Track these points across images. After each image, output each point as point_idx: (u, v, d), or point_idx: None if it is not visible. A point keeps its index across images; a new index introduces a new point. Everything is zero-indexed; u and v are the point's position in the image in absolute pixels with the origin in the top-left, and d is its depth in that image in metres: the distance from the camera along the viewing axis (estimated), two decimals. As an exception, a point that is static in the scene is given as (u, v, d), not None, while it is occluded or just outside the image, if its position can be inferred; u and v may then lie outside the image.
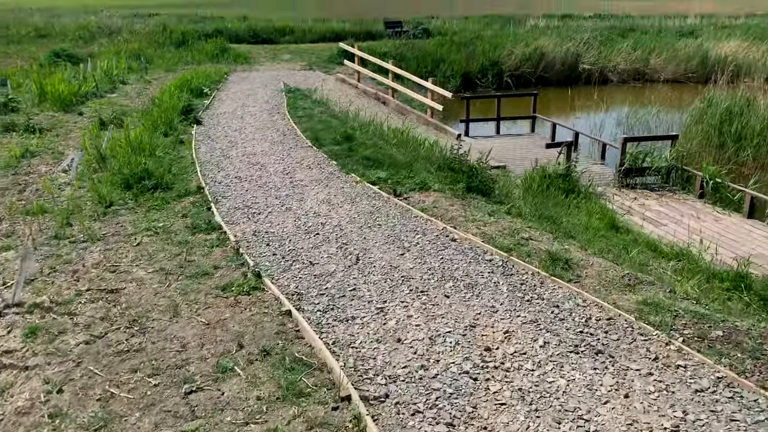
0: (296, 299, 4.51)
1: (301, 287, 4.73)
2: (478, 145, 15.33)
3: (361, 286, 4.69)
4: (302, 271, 5.04)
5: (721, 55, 26.51)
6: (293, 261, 5.28)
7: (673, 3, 61.12)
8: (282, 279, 4.90)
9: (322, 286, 4.73)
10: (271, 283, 4.74)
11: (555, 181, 10.75)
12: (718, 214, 10.16)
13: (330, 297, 4.53)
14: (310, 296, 4.56)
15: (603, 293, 4.57)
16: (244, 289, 4.61)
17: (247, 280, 4.76)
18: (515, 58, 25.59)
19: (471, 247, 5.47)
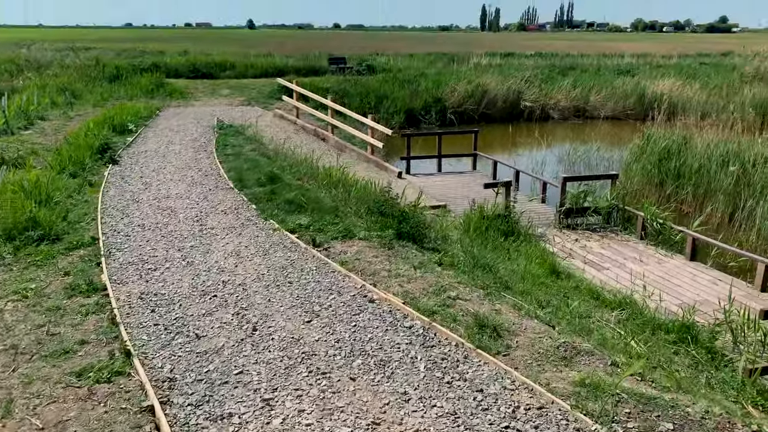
0: (167, 387, 3.69)
1: (177, 370, 3.91)
2: (419, 183, 14.88)
3: (250, 368, 3.91)
4: (184, 347, 4.23)
5: (657, 93, 27.14)
6: (177, 333, 4.47)
7: (608, 43, 63.61)
8: (157, 358, 4.08)
9: (203, 368, 3.93)
10: (141, 365, 3.91)
11: (494, 222, 10.25)
12: (660, 257, 9.83)
13: (209, 384, 3.73)
14: (184, 383, 3.75)
15: (535, 370, 3.94)
16: (104, 374, 3.76)
17: (113, 361, 3.93)
18: (458, 95, 25.55)
19: (390, 309, 4.79)
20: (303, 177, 10.21)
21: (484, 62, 33.29)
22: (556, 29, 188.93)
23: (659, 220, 10.30)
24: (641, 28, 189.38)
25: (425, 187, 14.42)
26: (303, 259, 6.03)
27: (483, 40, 69.32)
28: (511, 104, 26.70)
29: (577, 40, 73.39)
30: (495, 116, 26.32)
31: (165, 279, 5.55)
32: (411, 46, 49.33)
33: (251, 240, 6.63)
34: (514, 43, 58.75)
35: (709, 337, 6.93)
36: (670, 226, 10.15)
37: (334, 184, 9.98)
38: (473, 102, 25.72)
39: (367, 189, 10.29)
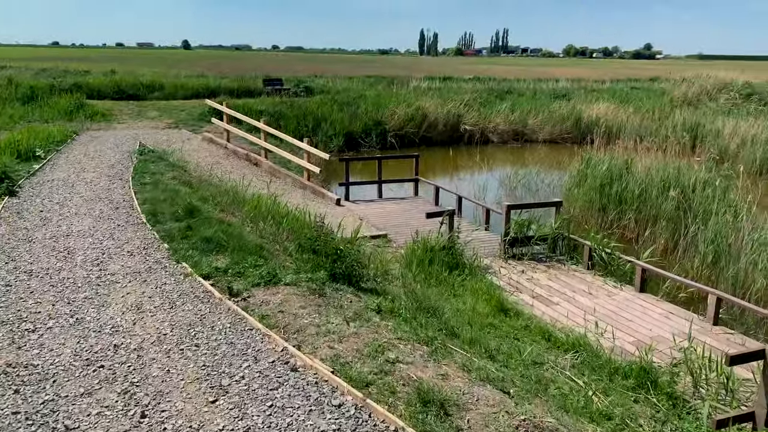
0: None
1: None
2: (359, 211, 14.14)
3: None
4: (44, 449, 3.28)
5: (593, 117, 27.51)
6: (41, 425, 3.49)
7: (542, 68, 65.24)
8: (3, 468, 3.13)
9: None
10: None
11: (438, 254, 9.58)
12: (610, 288, 9.37)
13: None
14: None
15: (493, 465, 3.20)
16: None
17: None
18: (399, 118, 25.11)
19: (316, 380, 3.95)
20: (227, 208, 9.26)
21: (423, 85, 33.07)
22: (492, 54, 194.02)
23: (606, 249, 9.88)
24: (572, 53, 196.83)
25: (365, 215, 13.70)
26: (216, 313, 5.12)
27: (422, 64, 69.82)
28: (451, 127, 26.48)
29: (512, 65, 75.01)
30: (436, 139, 26.02)
31: (43, 344, 4.53)
32: (350, 68, 48.93)
33: (157, 289, 5.66)
34: (453, 67, 59.34)
35: (669, 381, 6.43)
36: (618, 256, 9.74)
37: (262, 216, 9.08)
38: (414, 125, 25.33)
39: (300, 221, 9.44)
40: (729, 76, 29.63)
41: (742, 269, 9.74)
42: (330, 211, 13.80)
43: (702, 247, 10.67)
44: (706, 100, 28.20)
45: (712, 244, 10.38)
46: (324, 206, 14.17)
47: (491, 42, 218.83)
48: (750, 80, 29.72)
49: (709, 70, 35.01)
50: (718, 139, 22.90)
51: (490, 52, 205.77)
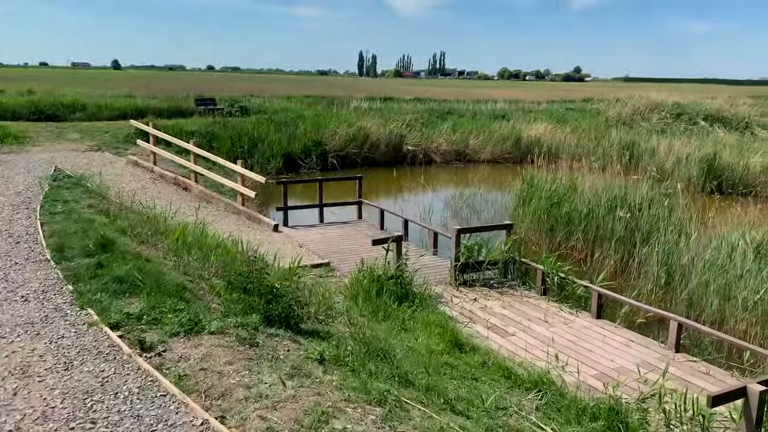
0: None
1: None
2: (299, 237, 13.29)
3: None
4: None
5: (532, 137, 27.66)
6: None
7: (480, 90, 66.22)
8: None
9: None
10: None
11: (386, 284, 8.85)
12: (566, 315, 8.87)
13: None
14: None
15: None
16: None
17: None
18: (340, 138, 24.44)
19: (243, 467, 3.12)
20: (148, 240, 8.26)
21: (364, 106, 32.60)
22: (430, 76, 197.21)
23: (560, 274, 9.40)
24: (506, 76, 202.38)
25: (305, 242, 12.85)
26: (122, 374, 4.19)
27: (361, 85, 69.64)
28: (394, 148, 26.03)
29: (450, 87, 76.00)
30: (378, 160, 25.48)
31: None
32: (288, 88, 48.08)
33: (52, 344, 4.67)
34: (393, 88, 59.31)
35: (640, 421, 5.89)
36: (572, 281, 9.27)
37: (187, 248, 8.12)
38: (355, 146, 24.71)
39: (231, 252, 8.53)
40: (660, 97, 30.53)
41: (695, 291, 9.45)
42: (267, 238, 12.90)
43: (655, 268, 10.37)
44: (639, 120, 28.88)
45: (665, 265, 10.09)
46: (260, 233, 13.26)
47: (429, 64, 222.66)
48: (679, 101, 30.71)
49: (637, 91, 36.12)
50: (654, 157, 23.29)
51: (428, 74, 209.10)
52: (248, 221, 14.04)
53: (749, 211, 13.36)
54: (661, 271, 9.98)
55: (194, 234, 9.26)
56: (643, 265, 11.31)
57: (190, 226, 9.38)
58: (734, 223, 11.64)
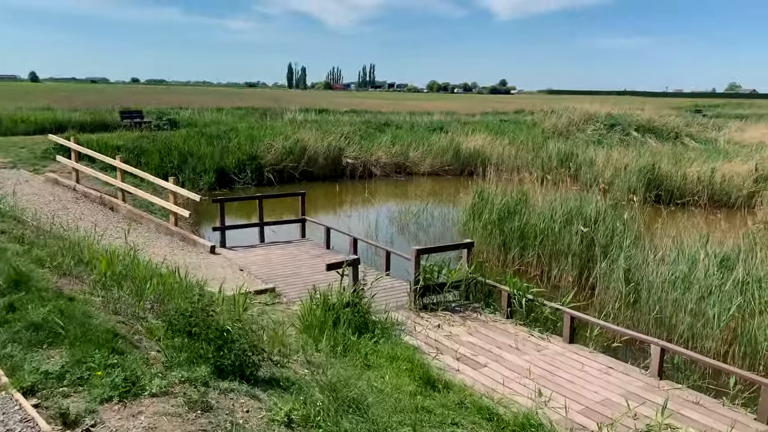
0: None
1: None
2: (239, 259, 12.27)
3: None
4: None
5: (471, 149, 27.53)
6: None
7: (414, 102, 66.45)
8: None
9: None
10: None
11: (342, 313, 8.04)
12: (536, 341, 8.32)
13: None
14: None
15: None
16: None
17: None
18: (276, 151, 23.42)
19: None
20: (71, 271, 7.12)
21: (299, 118, 31.69)
22: (361, 89, 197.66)
23: (528, 296, 8.86)
24: (435, 89, 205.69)
25: (246, 264, 11.86)
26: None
27: (292, 97, 68.32)
28: (332, 161, 25.23)
29: (383, 99, 75.91)
30: (317, 174, 24.62)
31: None
32: (218, 101, 46.41)
33: (-60, 425, 3.61)
34: (327, 100, 58.51)
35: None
36: (541, 303, 8.74)
37: (117, 280, 7.03)
38: (293, 159, 23.75)
39: (169, 283, 7.50)
40: (593, 108, 31.17)
41: (663, 309, 9.12)
42: (203, 261, 11.86)
43: (621, 285, 9.98)
44: (575, 131, 29.31)
45: (631, 282, 9.72)
46: (196, 256, 12.18)
47: (359, 77, 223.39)
48: (611, 112, 31.45)
49: (563, 103, 36.86)
50: (593, 167, 23.52)
51: (358, 86, 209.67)
52: (182, 243, 12.90)
53: (696, 221, 13.42)
54: (626, 289, 9.61)
55: (124, 262, 8.13)
56: (603, 281, 10.98)
57: (119, 252, 8.24)
58: (689, 234, 11.53)
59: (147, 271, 8.12)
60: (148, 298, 6.71)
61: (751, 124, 42.33)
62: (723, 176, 20.66)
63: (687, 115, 39.43)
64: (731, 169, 21.02)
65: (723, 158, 22.54)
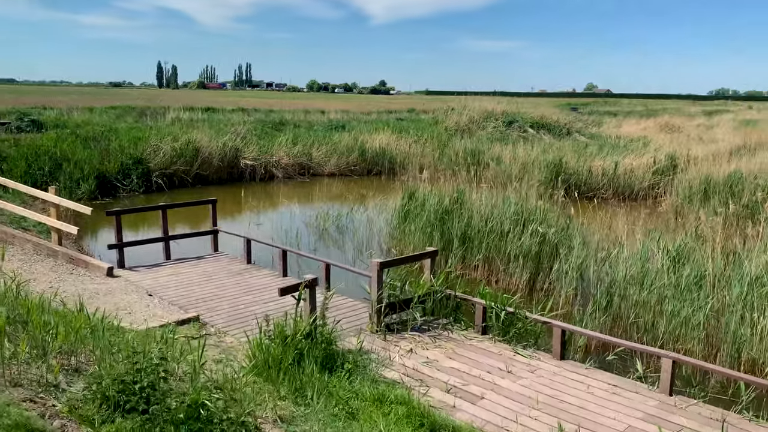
0: None
1: None
2: (145, 282, 10.27)
3: None
4: None
5: (376, 148, 26.52)
6: None
7: (299, 101, 64.42)
8: None
9: None
10: None
11: (303, 346, 6.54)
12: (524, 360, 7.30)
13: None
14: None
15: None
16: None
17: None
18: (165, 154, 20.96)
19: None
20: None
21: (184, 116, 29.00)
22: (237, 88, 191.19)
23: (508, 308, 7.81)
24: (316, 88, 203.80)
25: (155, 288, 9.91)
26: None
27: (166, 96, 63.72)
28: (229, 163, 23.12)
29: (265, 98, 73.06)
30: (212, 178, 22.43)
31: None
32: (84, 100, 41.93)
33: None
34: (200, 98, 54.69)
35: None
36: (523, 316, 7.71)
37: (5, 333, 5.07)
38: (184, 162, 21.41)
39: (74, 326, 5.60)
40: (490, 106, 31.30)
41: (639, 313, 8.46)
42: (101, 287, 9.80)
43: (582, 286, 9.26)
44: (476, 128, 29.21)
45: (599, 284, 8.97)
46: (90, 281, 10.05)
47: (235, 76, 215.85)
48: (506, 110, 31.77)
49: (442, 104, 36.90)
50: (500, 164, 23.29)
51: (234, 85, 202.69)
52: (71, 266, 10.64)
53: (618, 214, 13.26)
54: (598, 291, 8.85)
55: (5, 301, 6.08)
56: (558, 283, 10.26)
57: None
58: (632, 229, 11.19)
59: (41, 310, 6.13)
60: (55, 353, 4.87)
61: (622, 119, 45.15)
62: (625, 169, 21.13)
63: (568, 113, 41.07)
64: (630, 163, 21.58)
65: (617, 152, 23.11)
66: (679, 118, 41.70)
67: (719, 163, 19.36)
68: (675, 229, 13.49)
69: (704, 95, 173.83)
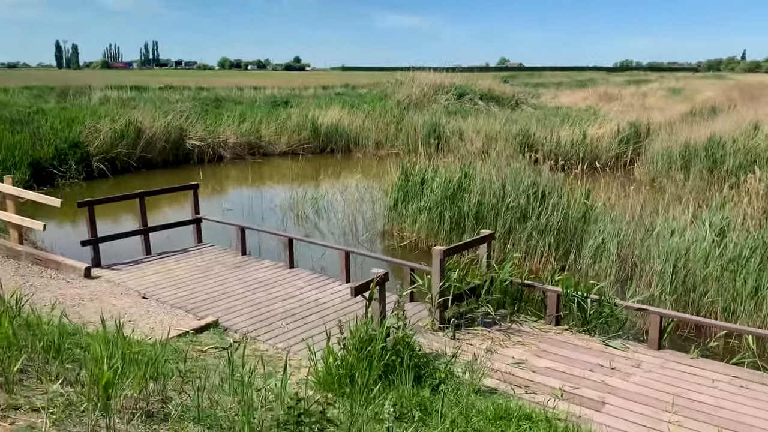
0: None
1: None
2: (132, 283, 8.74)
3: None
4: None
5: (328, 124, 25.12)
6: None
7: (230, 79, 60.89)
8: None
9: None
10: None
11: (386, 355, 5.43)
12: (620, 353, 6.49)
13: None
14: None
15: None
16: None
17: None
18: (105, 137, 18.73)
19: None
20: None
21: (112, 95, 26.32)
22: (145, 67, 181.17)
23: (593, 296, 6.97)
24: (228, 66, 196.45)
25: (147, 289, 8.45)
26: None
27: (72, 77, 58.61)
28: (174, 145, 21.07)
29: (179, 76, 68.75)
30: (157, 161, 20.41)
31: None
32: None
33: None
34: (111, 78, 50.01)
35: None
36: (612, 303, 6.90)
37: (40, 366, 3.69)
38: (127, 145, 19.24)
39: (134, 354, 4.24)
40: (439, 79, 30.43)
41: (710, 290, 7.84)
42: (83, 291, 8.27)
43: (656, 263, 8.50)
44: (427, 102, 28.33)
45: (672, 263, 8.22)
46: (66, 284, 8.47)
47: (141, 54, 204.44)
48: (454, 82, 31.03)
49: (362, 80, 35.58)
50: (463, 137, 22.54)
51: (141, 64, 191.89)
52: (39, 268, 8.94)
53: (598, 185, 12.85)
54: (664, 267, 8.15)
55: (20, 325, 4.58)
56: (598, 262, 9.57)
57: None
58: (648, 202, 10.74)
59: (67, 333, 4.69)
60: (121, 399, 3.56)
61: (555, 90, 45.68)
62: (591, 139, 20.92)
63: (505, 84, 40.98)
64: (595, 132, 21.41)
65: (576, 123, 22.85)
66: (614, 88, 42.58)
67: (683, 130, 19.47)
68: (676, 198, 13.24)
69: (610, 66, 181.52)
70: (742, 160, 15.22)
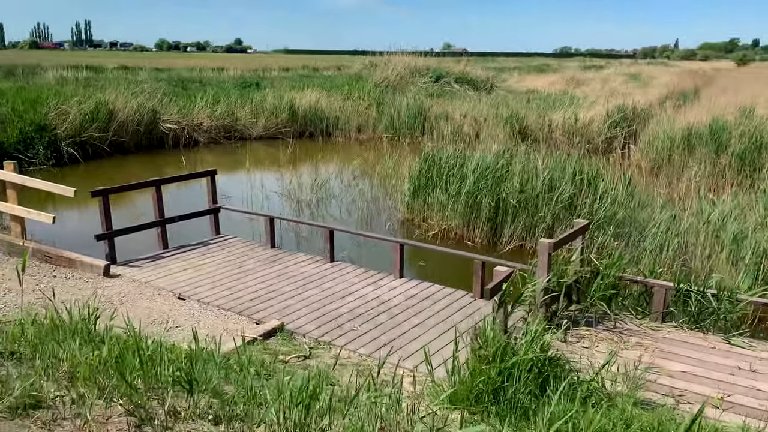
0: None
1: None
2: (162, 282, 7.67)
3: None
4: None
5: (306, 107, 23.94)
6: None
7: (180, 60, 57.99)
8: None
9: None
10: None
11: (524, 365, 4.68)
12: (750, 353, 5.96)
13: None
14: None
15: None
16: None
17: None
18: (74, 119, 17.06)
19: None
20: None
21: (68, 75, 24.26)
22: (77, 48, 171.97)
23: (710, 291, 6.40)
24: (166, 47, 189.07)
25: (179, 287, 7.45)
26: None
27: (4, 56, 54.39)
28: (147, 128, 19.49)
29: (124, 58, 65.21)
30: (130, 145, 18.83)
31: None
32: None
33: None
34: (41, 58, 46.68)
35: None
36: (735, 299, 6.33)
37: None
38: (98, 128, 17.61)
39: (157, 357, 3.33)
40: (413, 61, 29.57)
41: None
42: (108, 292, 7.26)
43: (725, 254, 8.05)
44: (404, 84, 27.50)
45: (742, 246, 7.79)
46: (85, 284, 7.38)
47: (72, 34, 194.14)
48: (428, 65, 30.28)
49: (305, 62, 34.60)
50: (449, 122, 21.83)
51: (73, 45, 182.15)
52: (50, 266, 7.75)
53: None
54: (745, 254, 7.69)
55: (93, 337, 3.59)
56: (659, 252, 9.06)
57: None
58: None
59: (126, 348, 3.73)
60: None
61: (517, 75, 45.62)
62: (582, 123, 20.64)
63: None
64: (585, 116, 21.15)
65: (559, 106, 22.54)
66: (579, 73, 42.83)
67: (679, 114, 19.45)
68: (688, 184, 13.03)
69: (550, 53, 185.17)
70: (747, 145, 15.15)
